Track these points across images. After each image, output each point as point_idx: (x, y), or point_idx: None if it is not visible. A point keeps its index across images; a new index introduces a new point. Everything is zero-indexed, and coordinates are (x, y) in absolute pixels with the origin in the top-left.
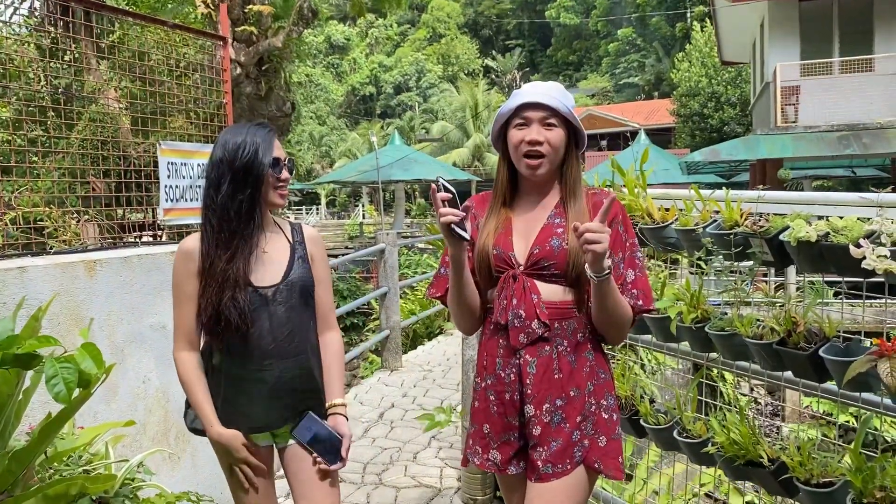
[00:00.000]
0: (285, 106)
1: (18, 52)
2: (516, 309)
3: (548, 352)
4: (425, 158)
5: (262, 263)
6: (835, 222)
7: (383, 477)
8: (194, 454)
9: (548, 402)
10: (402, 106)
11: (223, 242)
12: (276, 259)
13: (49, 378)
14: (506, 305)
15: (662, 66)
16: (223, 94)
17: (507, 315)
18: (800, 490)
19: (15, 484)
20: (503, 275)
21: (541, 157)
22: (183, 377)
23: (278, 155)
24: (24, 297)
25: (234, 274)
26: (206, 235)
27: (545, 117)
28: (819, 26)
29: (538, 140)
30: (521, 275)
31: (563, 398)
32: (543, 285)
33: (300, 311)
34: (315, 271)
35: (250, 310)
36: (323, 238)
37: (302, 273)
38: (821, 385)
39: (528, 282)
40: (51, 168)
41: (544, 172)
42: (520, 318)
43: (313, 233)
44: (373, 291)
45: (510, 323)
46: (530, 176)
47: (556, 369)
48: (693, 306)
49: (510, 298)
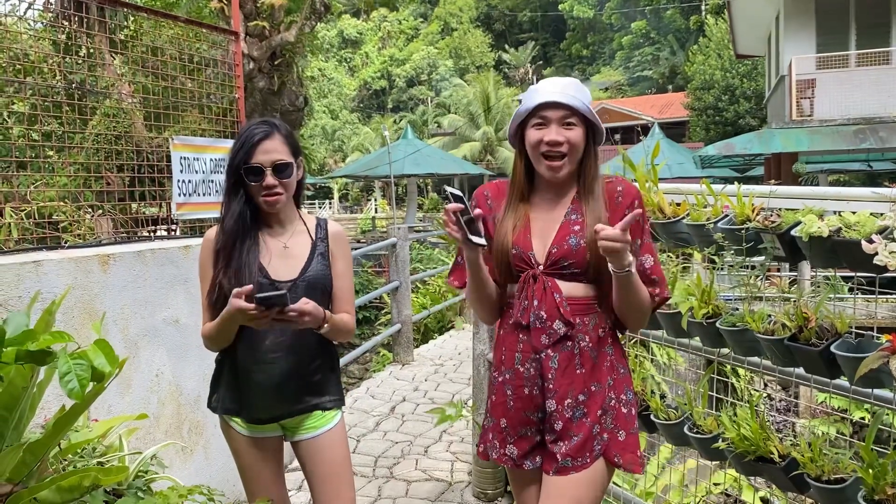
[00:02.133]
0: (298, 100)
1: (34, 47)
2: (538, 310)
3: (570, 347)
4: (438, 153)
5: (282, 258)
6: (847, 217)
7: (394, 470)
8: (207, 447)
9: (570, 396)
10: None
11: (230, 236)
12: (296, 255)
13: (63, 375)
14: (527, 306)
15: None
16: (236, 88)
17: (529, 316)
18: (811, 486)
19: (30, 475)
20: (523, 274)
21: (562, 158)
22: (205, 332)
23: (260, 161)
24: (38, 290)
25: (245, 265)
26: (219, 226)
27: (564, 116)
28: (835, 19)
29: (558, 141)
30: (542, 275)
31: (584, 393)
32: (564, 283)
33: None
34: (335, 267)
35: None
36: None
37: (319, 270)
38: (832, 381)
39: (548, 281)
40: (66, 163)
41: (566, 173)
42: (541, 320)
43: (337, 229)
44: (384, 286)
45: (532, 324)
46: (551, 178)
47: (579, 364)
48: (704, 301)
49: (531, 299)
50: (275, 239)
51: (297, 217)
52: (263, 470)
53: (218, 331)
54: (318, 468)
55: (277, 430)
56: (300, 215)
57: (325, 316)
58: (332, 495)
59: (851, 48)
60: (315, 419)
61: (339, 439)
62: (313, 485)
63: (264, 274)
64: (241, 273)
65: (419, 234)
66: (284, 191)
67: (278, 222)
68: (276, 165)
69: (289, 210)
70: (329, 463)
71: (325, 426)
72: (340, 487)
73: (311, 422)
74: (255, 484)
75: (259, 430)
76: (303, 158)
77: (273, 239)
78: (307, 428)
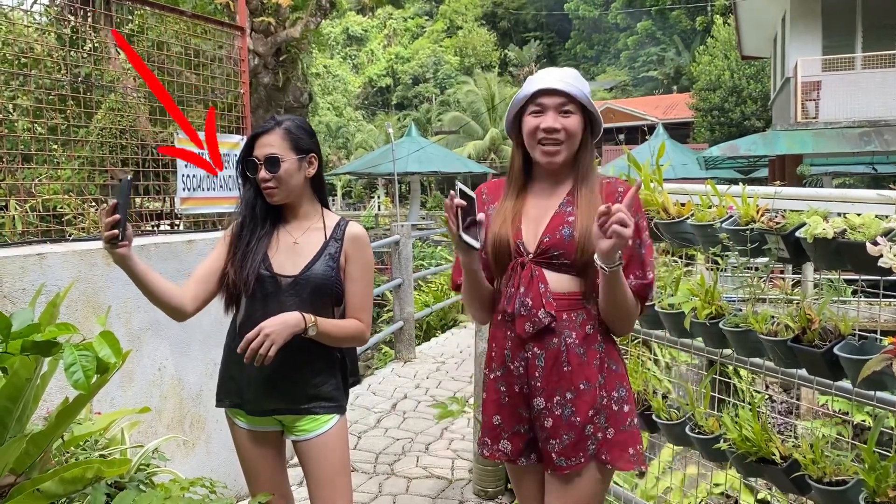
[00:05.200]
0: (302, 97)
1: (39, 40)
2: (523, 297)
3: (556, 344)
4: (442, 151)
5: (288, 253)
6: (852, 219)
7: (395, 467)
8: (208, 442)
9: (557, 394)
10: (418, 98)
11: (239, 224)
12: (304, 252)
13: (68, 366)
14: (513, 293)
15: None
16: (241, 84)
17: (515, 303)
18: (812, 488)
19: (32, 466)
20: (511, 262)
21: (558, 145)
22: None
23: (256, 154)
24: (43, 283)
25: (251, 254)
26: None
27: (561, 104)
28: (842, 20)
29: (555, 127)
30: (530, 263)
31: (572, 391)
32: (552, 274)
33: (309, 306)
34: (348, 270)
35: (262, 291)
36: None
37: (322, 270)
38: (835, 383)
39: (536, 270)
40: (70, 156)
41: (561, 160)
42: (526, 307)
43: (356, 232)
44: (387, 283)
45: (516, 311)
46: (547, 165)
47: (565, 362)
48: (708, 302)
49: (517, 286)
50: (288, 234)
51: (318, 214)
52: (263, 464)
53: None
54: (312, 471)
55: (277, 425)
56: (322, 213)
57: (303, 321)
58: (325, 501)
59: (857, 50)
60: (308, 422)
61: (333, 444)
62: (309, 486)
63: (267, 265)
64: (245, 260)
65: (422, 231)
66: (278, 184)
67: (294, 217)
68: (267, 159)
69: (307, 206)
70: (321, 467)
71: (318, 430)
72: (334, 494)
73: (304, 424)
74: (255, 477)
75: (258, 423)
76: (314, 156)
77: (286, 233)
78: (301, 429)
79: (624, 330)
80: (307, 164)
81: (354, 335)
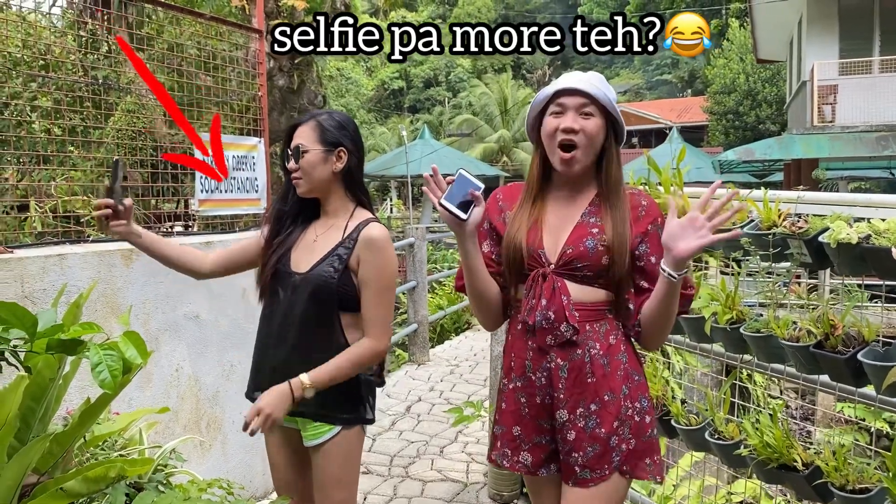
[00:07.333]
0: (316, 99)
1: (57, 42)
2: (545, 310)
3: (580, 355)
4: (455, 154)
5: (306, 250)
6: (877, 224)
7: (410, 470)
8: (224, 443)
9: (581, 406)
10: (431, 100)
11: (271, 214)
12: (318, 250)
13: (94, 365)
14: (534, 305)
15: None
16: (258, 86)
17: (535, 316)
18: (834, 495)
19: (55, 466)
20: (532, 272)
21: (574, 149)
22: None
23: (290, 146)
24: (65, 283)
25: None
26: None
27: (582, 104)
28: (859, 24)
29: (573, 128)
30: (552, 274)
31: (597, 402)
32: (574, 286)
33: (307, 306)
34: (361, 275)
35: (279, 286)
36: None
37: (324, 271)
38: (858, 390)
39: (558, 282)
40: (88, 157)
41: (578, 169)
42: (548, 320)
43: (371, 235)
44: (401, 285)
45: (538, 324)
46: (564, 172)
47: (589, 373)
48: (728, 307)
49: (539, 298)
50: (314, 230)
51: (347, 213)
52: (280, 458)
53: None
54: (314, 477)
55: (292, 423)
56: (353, 212)
57: (291, 391)
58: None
59: (875, 54)
60: (313, 428)
61: (333, 455)
62: (314, 489)
63: (285, 261)
64: (269, 253)
65: (435, 234)
66: (302, 175)
67: (325, 213)
68: (294, 149)
69: (336, 202)
70: (317, 476)
71: (319, 438)
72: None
73: (311, 430)
74: (274, 471)
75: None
76: (343, 150)
77: (313, 230)
78: (308, 435)
79: (660, 343)
80: (335, 158)
81: (362, 362)
